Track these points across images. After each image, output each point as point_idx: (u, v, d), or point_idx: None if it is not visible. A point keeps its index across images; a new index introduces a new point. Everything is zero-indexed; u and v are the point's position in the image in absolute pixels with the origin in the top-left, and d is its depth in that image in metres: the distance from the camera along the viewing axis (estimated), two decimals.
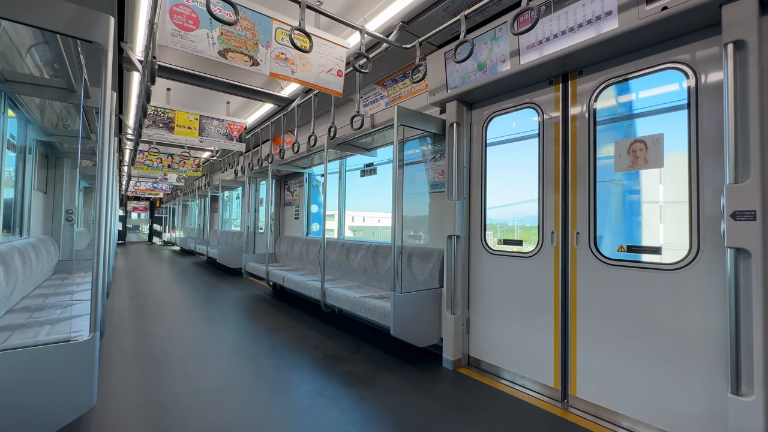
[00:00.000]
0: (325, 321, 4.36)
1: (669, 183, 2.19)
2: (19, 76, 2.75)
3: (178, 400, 2.38)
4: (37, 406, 1.56)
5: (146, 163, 7.09)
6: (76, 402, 1.64)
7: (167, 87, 5.10)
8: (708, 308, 1.89)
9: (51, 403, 1.59)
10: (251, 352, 3.29)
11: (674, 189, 2.12)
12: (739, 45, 1.71)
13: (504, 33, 2.57)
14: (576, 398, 2.38)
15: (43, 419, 1.58)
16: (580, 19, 2.19)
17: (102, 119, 1.76)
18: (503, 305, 2.84)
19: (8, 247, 2.87)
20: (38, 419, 1.57)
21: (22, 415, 1.54)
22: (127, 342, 3.48)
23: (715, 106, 1.91)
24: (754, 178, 1.64)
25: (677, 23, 1.92)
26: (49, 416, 1.59)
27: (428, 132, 3.28)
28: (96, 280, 1.70)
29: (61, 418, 1.62)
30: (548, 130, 2.62)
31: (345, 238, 5.17)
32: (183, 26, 2.20)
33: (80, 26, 1.64)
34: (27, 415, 1.55)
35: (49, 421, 1.59)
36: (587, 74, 2.42)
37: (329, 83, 2.87)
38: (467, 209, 3.12)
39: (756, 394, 1.62)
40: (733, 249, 1.69)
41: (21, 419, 1.53)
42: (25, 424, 1.54)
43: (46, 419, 1.59)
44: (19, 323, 2.36)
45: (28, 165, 3.93)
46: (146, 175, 12.71)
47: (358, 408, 2.33)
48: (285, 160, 5.46)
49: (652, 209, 2.33)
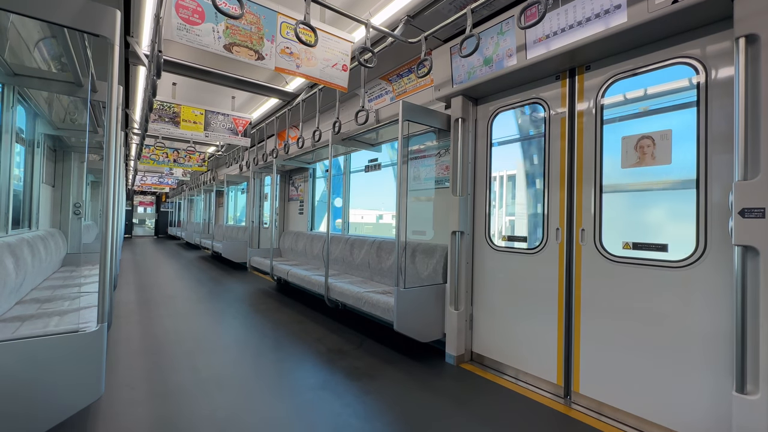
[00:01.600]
0: (329, 315, 4.38)
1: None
2: (28, 70, 2.77)
3: (184, 391, 2.41)
4: (47, 395, 1.59)
5: (152, 157, 7.15)
6: (85, 391, 1.67)
7: (173, 81, 5.13)
8: (713, 306, 1.87)
9: (60, 392, 1.62)
10: (256, 345, 3.32)
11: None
12: (751, 39, 1.68)
13: (511, 27, 2.54)
14: (579, 395, 2.38)
15: (52, 408, 1.61)
16: (588, 13, 2.16)
17: (109, 113, 1.77)
18: (507, 301, 2.84)
19: (17, 239, 2.91)
20: (47, 408, 1.60)
21: (32, 404, 1.57)
22: (134, 334, 3.53)
23: (725, 102, 1.88)
24: (764, 174, 1.62)
25: (687, 17, 1.89)
26: (58, 405, 1.62)
27: (433, 127, 3.27)
28: (104, 273, 1.72)
29: (70, 406, 1.65)
30: (554, 125, 2.60)
31: (349, 234, 5.18)
32: (188, 20, 2.20)
33: (87, 20, 1.65)
34: (36, 404, 1.58)
35: (58, 409, 1.62)
36: (594, 69, 2.39)
37: (334, 78, 2.86)
38: (471, 205, 3.11)
39: (761, 392, 1.61)
40: (741, 247, 1.67)
41: (31, 408, 1.57)
42: (35, 412, 1.57)
43: (55, 408, 1.62)
44: (28, 314, 2.40)
45: (37, 158, 3.97)
46: (152, 170, 12.82)
47: (361, 401, 2.35)
48: (290, 155, 5.47)
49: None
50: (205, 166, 7.88)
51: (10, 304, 2.61)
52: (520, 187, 3.01)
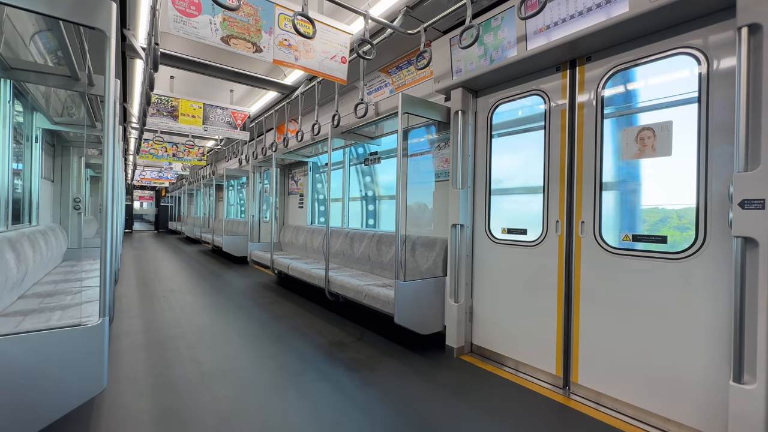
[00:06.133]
0: (330, 308, 4.41)
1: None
2: (23, 64, 2.75)
3: (186, 384, 2.43)
4: (49, 388, 1.61)
5: (151, 152, 7.12)
6: (87, 384, 1.69)
7: (171, 75, 5.09)
8: (712, 297, 1.88)
9: (62, 385, 1.64)
10: (257, 338, 3.34)
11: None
12: (753, 28, 1.66)
13: (511, 18, 2.52)
14: (578, 385, 2.40)
15: (55, 401, 1.63)
16: (589, 3, 2.13)
17: (107, 107, 1.76)
18: (506, 293, 2.85)
19: (18, 234, 2.91)
20: (50, 401, 1.62)
21: (36, 397, 1.59)
22: (135, 327, 3.55)
23: (727, 93, 1.87)
24: (765, 166, 1.62)
25: (690, 7, 1.87)
26: (61, 398, 1.64)
27: (433, 120, 3.25)
28: (104, 267, 1.73)
29: (73, 399, 1.66)
30: (555, 117, 2.58)
31: (349, 227, 5.19)
32: (185, 12, 2.18)
33: (82, 12, 1.63)
34: (40, 397, 1.59)
35: (61, 402, 1.64)
36: (595, 60, 2.37)
37: (333, 70, 2.84)
38: (471, 198, 3.11)
39: (758, 382, 1.63)
40: (741, 238, 1.67)
41: (34, 401, 1.58)
42: (38, 405, 1.59)
43: (59, 401, 1.64)
44: (31, 308, 2.42)
45: (35, 153, 3.96)
46: (151, 164, 12.78)
47: (362, 393, 2.37)
48: (289, 148, 5.45)
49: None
50: (204, 160, 7.86)
51: (13, 299, 2.62)
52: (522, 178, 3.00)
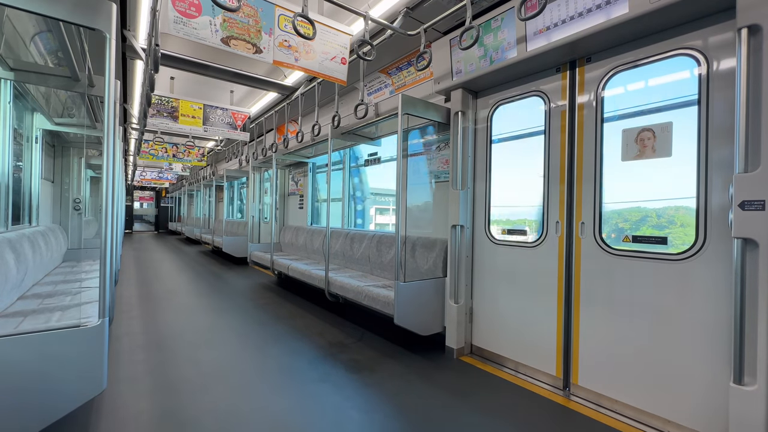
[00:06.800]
0: (329, 309, 4.40)
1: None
2: (24, 65, 2.75)
3: (186, 384, 2.43)
4: (49, 389, 1.61)
5: (151, 152, 7.13)
6: (87, 385, 1.69)
7: (171, 76, 5.09)
8: (712, 298, 1.88)
9: (62, 386, 1.63)
10: (257, 339, 3.34)
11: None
12: (753, 30, 1.66)
13: (511, 19, 2.52)
14: (578, 387, 2.39)
15: (54, 402, 1.62)
16: (589, 4, 2.13)
17: (107, 107, 1.76)
18: (506, 294, 2.85)
19: (17, 234, 2.91)
20: (50, 402, 1.62)
21: (35, 398, 1.58)
22: (135, 328, 3.55)
23: (727, 94, 1.87)
24: (765, 167, 1.62)
25: (690, 8, 1.87)
26: (60, 399, 1.64)
27: (433, 121, 3.25)
28: (104, 268, 1.73)
29: (73, 400, 1.66)
30: (555, 118, 2.58)
31: (349, 228, 5.18)
32: (185, 13, 2.18)
33: (82, 13, 1.63)
34: (39, 398, 1.59)
35: (61, 403, 1.64)
36: (595, 61, 2.37)
37: (333, 71, 2.84)
38: (471, 199, 3.11)
39: (758, 383, 1.62)
40: (741, 239, 1.67)
41: (33, 402, 1.58)
42: (38, 406, 1.59)
43: (58, 402, 1.63)
44: (30, 309, 2.41)
45: (35, 154, 3.96)
46: (151, 165, 12.79)
47: (362, 394, 2.37)
48: (289, 149, 5.45)
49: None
50: (204, 160, 7.87)
51: (12, 299, 2.62)
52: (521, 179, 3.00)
